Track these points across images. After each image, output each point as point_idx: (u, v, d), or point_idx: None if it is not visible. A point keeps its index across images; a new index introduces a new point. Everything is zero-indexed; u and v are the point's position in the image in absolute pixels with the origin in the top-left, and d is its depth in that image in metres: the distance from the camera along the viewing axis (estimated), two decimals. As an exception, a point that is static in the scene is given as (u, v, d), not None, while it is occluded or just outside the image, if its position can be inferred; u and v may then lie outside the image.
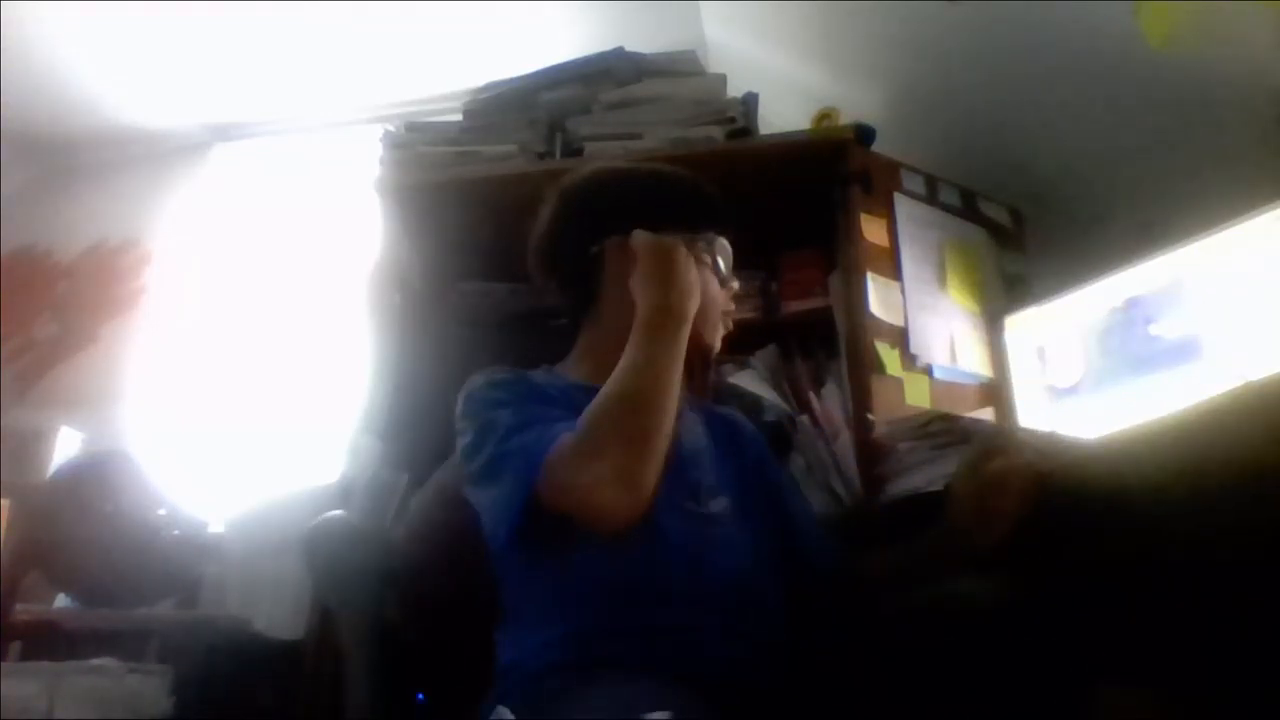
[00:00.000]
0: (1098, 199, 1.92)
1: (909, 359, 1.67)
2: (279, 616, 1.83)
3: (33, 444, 2.64)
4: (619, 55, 2.06)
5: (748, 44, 2.49)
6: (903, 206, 1.81)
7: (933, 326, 1.74)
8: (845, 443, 1.62)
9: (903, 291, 1.73)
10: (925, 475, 1.34)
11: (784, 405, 1.71)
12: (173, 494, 2.09)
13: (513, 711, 0.90)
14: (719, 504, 1.07)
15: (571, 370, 1.18)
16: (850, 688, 1.01)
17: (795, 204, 1.79)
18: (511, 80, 2.12)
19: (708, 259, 1.17)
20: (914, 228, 1.80)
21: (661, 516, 0.97)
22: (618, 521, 0.91)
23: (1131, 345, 1.52)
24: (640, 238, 1.08)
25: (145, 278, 3.13)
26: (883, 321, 1.67)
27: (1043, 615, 0.97)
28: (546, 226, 1.22)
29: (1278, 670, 0.93)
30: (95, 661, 1.64)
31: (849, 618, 1.11)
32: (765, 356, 1.79)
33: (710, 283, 1.16)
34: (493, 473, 0.97)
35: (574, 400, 1.02)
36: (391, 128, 2.15)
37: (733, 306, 1.22)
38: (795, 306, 1.87)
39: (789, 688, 0.97)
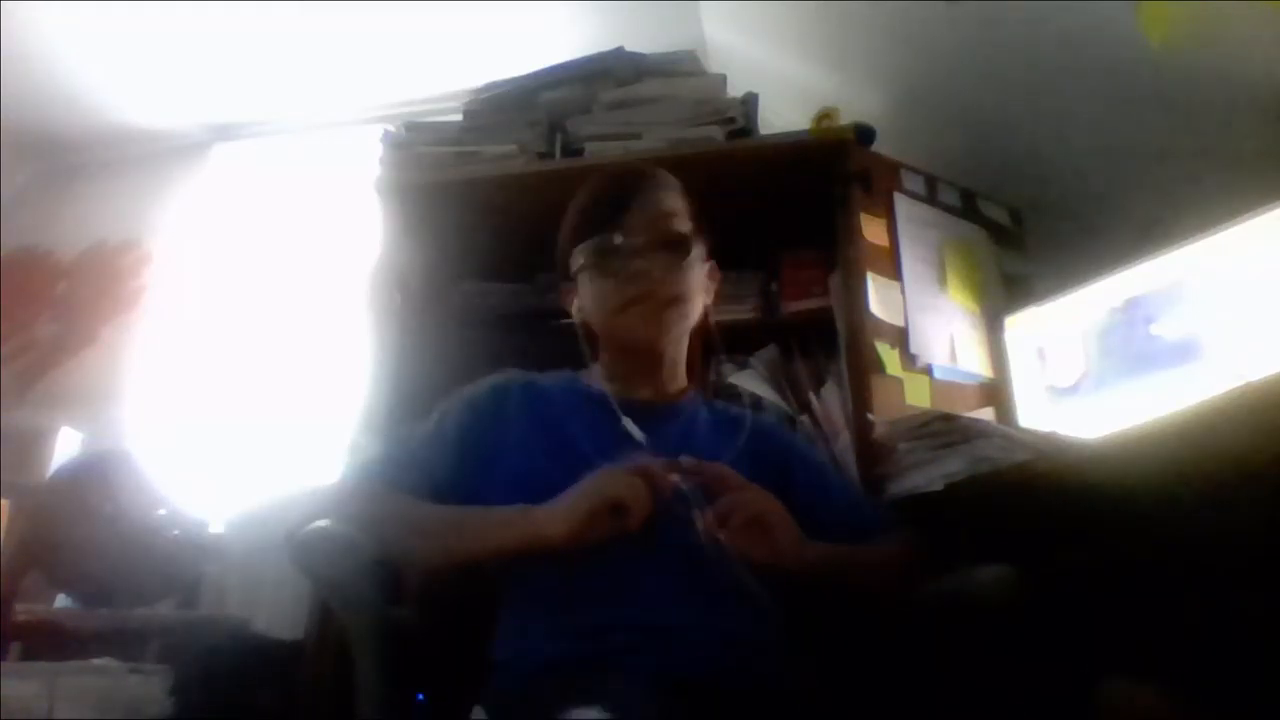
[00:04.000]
0: (1098, 199, 1.92)
1: (909, 359, 1.67)
2: (279, 616, 1.83)
3: (33, 444, 2.64)
4: (619, 55, 2.06)
5: (748, 44, 2.48)
6: (903, 206, 1.81)
7: (933, 326, 1.73)
8: (845, 443, 1.62)
9: (903, 291, 1.73)
10: (925, 475, 1.34)
11: (784, 405, 1.71)
12: (173, 494, 2.09)
13: (486, 712, 0.91)
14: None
15: (590, 376, 1.23)
16: (854, 684, 1.01)
17: (795, 204, 1.79)
18: (511, 80, 2.12)
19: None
20: (914, 228, 1.80)
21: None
22: None
23: (1131, 345, 1.52)
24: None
25: (145, 278, 3.13)
26: (883, 321, 1.67)
27: (1046, 612, 0.97)
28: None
29: (1276, 666, 0.93)
30: (95, 661, 1.64)
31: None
32: (765, 356, 1.80)
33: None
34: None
35: (582, 409, 1.15)
36: (391, 128, 2.15)
37: (633, 288, 1.13)
38: (795, 306, 1.87)
39: (784, 685, 0.96)
